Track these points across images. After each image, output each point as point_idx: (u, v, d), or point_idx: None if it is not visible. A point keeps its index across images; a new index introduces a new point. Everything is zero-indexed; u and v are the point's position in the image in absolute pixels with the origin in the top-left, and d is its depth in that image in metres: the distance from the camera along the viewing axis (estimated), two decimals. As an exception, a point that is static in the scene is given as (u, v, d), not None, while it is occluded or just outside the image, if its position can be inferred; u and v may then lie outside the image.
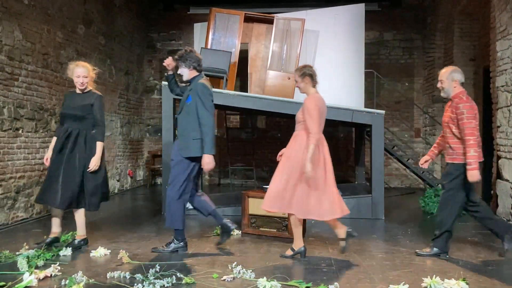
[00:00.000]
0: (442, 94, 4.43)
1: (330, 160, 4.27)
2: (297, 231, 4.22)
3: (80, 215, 4.48)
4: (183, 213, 4.36)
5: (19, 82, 5.89)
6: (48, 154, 4.47)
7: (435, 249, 4.29)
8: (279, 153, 4.40)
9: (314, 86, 4.33)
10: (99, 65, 8.26)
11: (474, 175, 3.99)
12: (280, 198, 4.11)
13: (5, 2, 5.56)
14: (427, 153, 4.61)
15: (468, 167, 4.02)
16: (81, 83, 4.43)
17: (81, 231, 4.52)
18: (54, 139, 4.51)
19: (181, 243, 4.43)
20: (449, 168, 4.23)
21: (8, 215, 5.67)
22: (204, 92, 4.29)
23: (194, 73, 4.45)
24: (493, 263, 4.08)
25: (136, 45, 10.15)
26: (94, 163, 4.35)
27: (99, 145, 4.41)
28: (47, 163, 4.44)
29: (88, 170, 4.34)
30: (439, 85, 4.39)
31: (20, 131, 5.90)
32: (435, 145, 4.60)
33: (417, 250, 4.41)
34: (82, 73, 4.42)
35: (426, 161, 4.51)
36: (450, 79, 4.33)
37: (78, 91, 4.51)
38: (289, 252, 4.26)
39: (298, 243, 4.23)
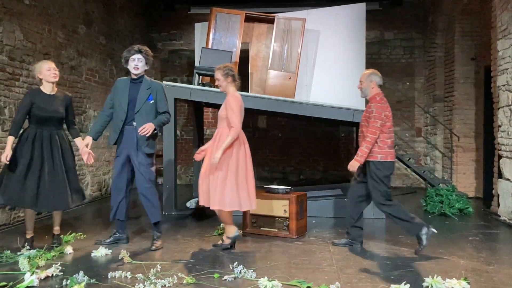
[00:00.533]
0: (360, 95, 4.64)
1: (250, 156, 4.65)
2: (227, 220, 4.49)
3: (60, 212, 4.65)
4: None
5: (20, 82, 5.89)
6: (7, 152, 4.28)
7: (348, 239, 4.64)
8: (198, 151, 4.63)
9: (235, 85, 4.63)
10: (100, 65, 8.27)
11: (354, 165, 4.39)
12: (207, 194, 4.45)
13: (6, 2, 5.56)
14: None
15: (355, 157, 4.39)
16: (54, 75, 4.48)
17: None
18: (11, 138, 4.37)
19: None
20: (369, 166, 4.44)
21: (9, 216, 5.68)
22: (164, 91, 4.62)
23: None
24: (494, 263, 4.07)
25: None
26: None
27: (79, 139, 4.66)
28: (5, 160, 4.29)
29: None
30: (358, 85, 4.61)
31: (21, 131, 5.89)
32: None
33: (334, 240, 4.69)
34: (51, 66, 4.51)
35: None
36: (369, 80, 4.52)
37: (46, 90, 4.51)
38: (226, 241, 4.50)
39: (231, 230, 4.51)
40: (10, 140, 4.36)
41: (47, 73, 4.47)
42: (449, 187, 6.98)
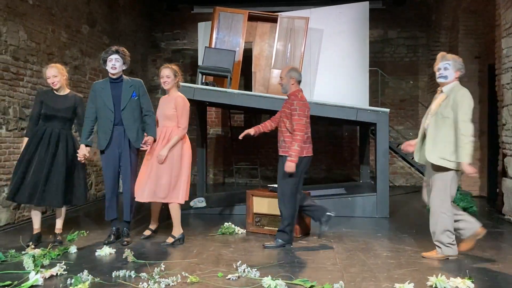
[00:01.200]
0: (282, 91, 4.73)
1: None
2: (177, 218, 4.69)
3: (63, 212, 4.75)
4: None
5: (24, 82, 5.91)
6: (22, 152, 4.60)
7: (279, 240, 4.57)
8: (148, 150, 4.73)
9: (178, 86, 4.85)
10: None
11: (291, 166, 4.39)
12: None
13: (10, 2, 5.58)
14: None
15: (288, 158, 4.41)
16: (52, 83, 4.63)
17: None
18: (26, 139, 4.65)
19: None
20: (284, 161, 4.50)
21: (13, 215, 5.70)
22: (144, 86, 4.79)
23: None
24: (499, 262, 4.06)
25: (140, 45, 10.16)
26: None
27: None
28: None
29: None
30: (279, 81, 4.72)
31: (25, 131, 5.91)
32: (264, 124, 4.87)
33: (265, 243, 4.64)
34: (51, 74, 4.63)
35: (245, 134, 4.82)
36: (289, 77, 4.62)
37: (56, 91, 4.70)
38: (170, 240, 4.66)
39: (178, 230, 4.70)
40: (25, 141, 4.66)
41: (48, 81, 4.68)
42: (453, 186, 6.95)
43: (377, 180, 6.39)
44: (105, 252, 4.26)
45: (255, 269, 3.64)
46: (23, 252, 4.16)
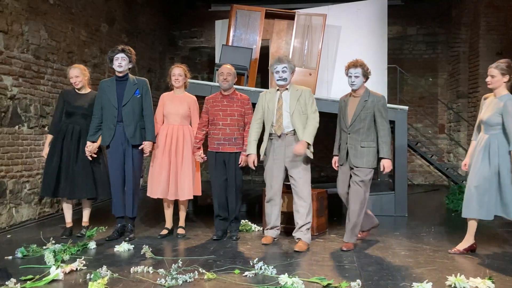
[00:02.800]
0: (226, 86, 4.76)
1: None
2: (168, 212, 4.99)
3: (89, 205, 5.01)
4: None
5: (44, 80, 6.01)
6: (45, 149, 4.85)
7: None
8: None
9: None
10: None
11: (246, 160, 4.64)
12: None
13: (31, 2, 5.68)
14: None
15: (244, 152, 4.65)
16: (74, 82, 4.83)
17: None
18: (50, 136, 4.87)
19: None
20: (237, 157, 4.72)
21: (35, 211, 5.81)
22: (149, 87, 4.87)
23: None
24: (520, 262, 3.99)
25: (158, 43, 10.24)
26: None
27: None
28: (44, 156, 4.84)
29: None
30: (225, 78, 4.73)
31: (46, 128, 6.02)
32: (200, 137, 4.92)
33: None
34: (74, 74, 4.82)
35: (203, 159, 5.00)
36: (234, 76, 4.81)
37: (78, 90, 4.90)
38: (164, 232, 4.91)
39: (170, 223, 5.01)
40: (49, 138, 4.88)
41: (70, 80, 4.89)
42: (473, 185, 6.84)
43: (396, 178, 6.33)
44: (124, 248, 4.32)
45: (272, 267, 3.64)
46: (44, 247, 4.24)
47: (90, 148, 4.68)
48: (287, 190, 5.25)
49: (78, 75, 4.82)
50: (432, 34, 10.20)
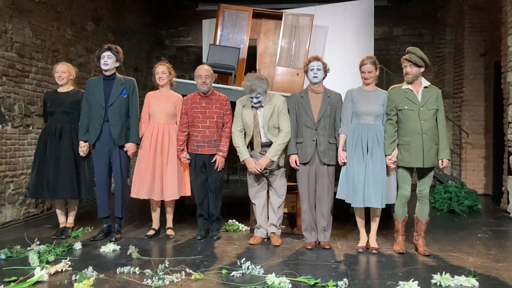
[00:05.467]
0: (205, 89, 4.71)
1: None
2: (155, 213, 4.98)
3: (75, 205, 4.99)
4: None
5: (29, 79, 5.93)
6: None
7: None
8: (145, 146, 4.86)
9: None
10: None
11: (223, 161, 4.76)
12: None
13: (16, 0, 5.60)
14: None
15: (221, 154, 4.73)
16: (59, 77, 4.81)
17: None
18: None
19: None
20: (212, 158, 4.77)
21: (19, 211, 5.73)
22: (136, 87, 4.83)
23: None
24: (504, 260, 4.04)
25: (145, 42, 10.17)
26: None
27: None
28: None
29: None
30: (205, 81, 4.68)
31: (30, 128, 5.95)
32: (182, 139, 4.88)
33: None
34: (60, 69, 4.82)
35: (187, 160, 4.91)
36: (212, 76, 4.79)
37: (60, 89, 4.88)
38: (150, 232, 4.89)
39: (157, 224, 4.98)
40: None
41: (55, 76, 4.87)
42: (458, 184, 6.94)
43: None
44: (110, 248, 4.28)
45: (259, 266, 3.64)
46: (28, 248, 4.18)
47: (84, 148, 4.69)
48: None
49: (65, 71, 4.82)
50: (418, 35, 10.30)
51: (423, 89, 4.24)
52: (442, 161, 4.21)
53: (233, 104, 4.83)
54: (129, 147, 4.70)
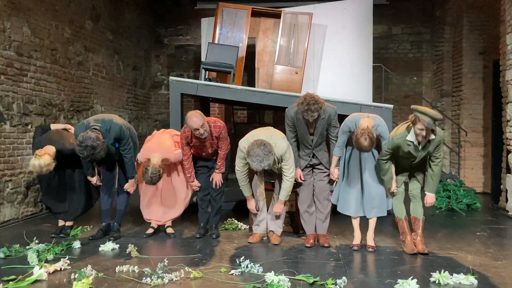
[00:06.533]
0: (205, 136, 4.63)
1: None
2: None
3: None
4: None
5: (28, 77, 5.92)
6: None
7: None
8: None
9: None
10: (107, 61, 8.29)
11: (220, 177, 4.91)
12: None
13: (14, -2, 5.59)
14: None
15: (218, 170, 4.88)
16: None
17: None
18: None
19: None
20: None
21: (18, 210, 5.73)
22: (122, 131, 4.49)
23: None
24: (502, 258, 4.05)
25: (143, 41, 10.16)
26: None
27: None
28: None
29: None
30: (204, 129, 4.55)
31: (29, 127, 5.94)
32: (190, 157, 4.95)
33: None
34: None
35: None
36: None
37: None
38: (149, 231, 4.88)
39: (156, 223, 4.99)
40: None
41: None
42: (457, 182, 6.94)
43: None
44: (109, 247, 4.28)
45: (258, 265, 3.65)
46: (27, 247, 4.18)
47: (94, 180, 4.73)
48: (272, 187, 5.25)
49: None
50: (416, 34, 10.30)
51: (426, 143, 4.05)
52: (426, 199, 4.29)
53: (233, 103, 4.83)
54: (128, 186, 4.74)
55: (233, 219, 5.41)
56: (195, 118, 4.45)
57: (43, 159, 4.28)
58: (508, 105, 6.20)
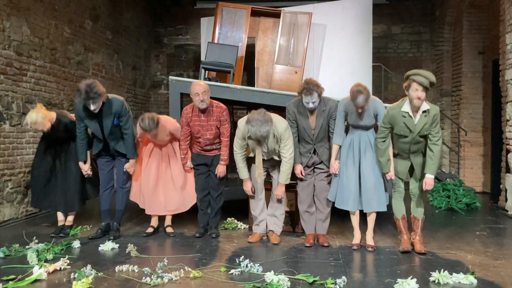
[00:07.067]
0: (204, 106, 4.68)
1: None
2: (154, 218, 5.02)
3: None
4: None
5: (27, 77, 5.92)
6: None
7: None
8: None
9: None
10: (107, 60, 8.29)
11: (224, 170, 4.86)
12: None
13: (13, -2, 5.59)
14: None
15: (222, 162, 4.82)
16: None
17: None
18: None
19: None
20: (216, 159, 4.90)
21: (17, 210, 5.73)
22: (124, 107, 4.62)
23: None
24: (501, 258, 4.05)
25: (143, 40, 10.16)
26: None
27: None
28: None
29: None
30: (202, 98, 4.63)
31: (28, 126, 5.93)
32: (187, 147, 5.03)
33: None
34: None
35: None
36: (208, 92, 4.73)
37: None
38: (149, 230, 4.88)
39: (155, 221, 4.99)
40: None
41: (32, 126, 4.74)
42: (456, 182, 6.95)
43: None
44: (108, 246, 4.28)
45: (258, 264, 3.65)
46: (27, 247, 4.18)
47: (86, 167, 4.75)
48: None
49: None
50: (416, 33, 10.30)
51: (421, 114, 4.07)
52: (426, 181, 4.18)
53: (232, 103, 4.84)
54: (129, 166, 4.74)
55: (233, 218, 5.41)
56: (198, 85, 4.60)
57: (41, 112, 4.49)
58: (508, 104, 6.20)
